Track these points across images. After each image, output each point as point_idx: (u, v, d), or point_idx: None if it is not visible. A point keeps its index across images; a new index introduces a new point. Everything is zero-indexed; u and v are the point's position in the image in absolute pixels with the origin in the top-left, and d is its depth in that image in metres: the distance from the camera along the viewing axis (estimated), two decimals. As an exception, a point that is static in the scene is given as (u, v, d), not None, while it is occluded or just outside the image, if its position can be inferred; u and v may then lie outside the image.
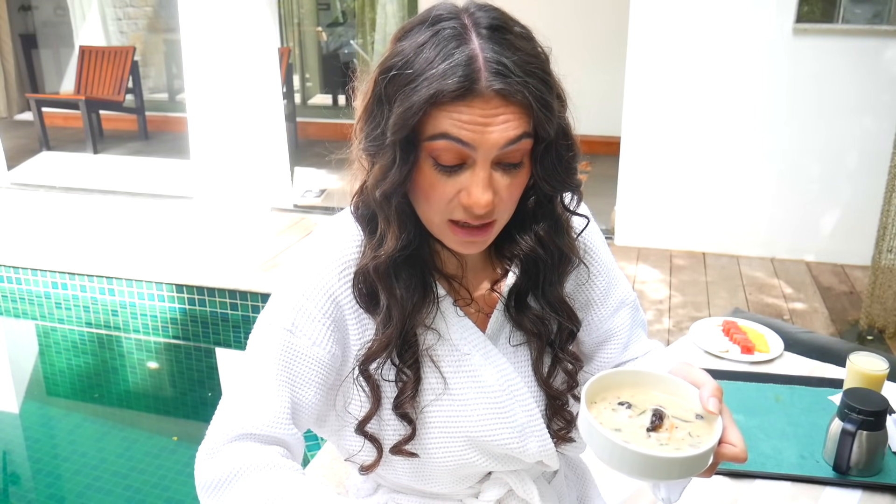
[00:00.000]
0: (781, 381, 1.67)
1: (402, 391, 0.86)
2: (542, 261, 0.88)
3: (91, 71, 6.78)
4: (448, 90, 0.71)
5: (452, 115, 0.73)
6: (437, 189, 0.77)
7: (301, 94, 7.90)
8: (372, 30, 7.46)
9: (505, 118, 0.73)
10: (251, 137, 4.70)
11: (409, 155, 0.76)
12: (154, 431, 3.04)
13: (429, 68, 0.72)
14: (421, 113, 0.73)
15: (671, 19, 3.92)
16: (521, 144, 0.76)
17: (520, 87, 0.73)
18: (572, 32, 5.61)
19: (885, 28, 3.70)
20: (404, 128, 0.74)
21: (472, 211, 0.77)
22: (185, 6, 4.55)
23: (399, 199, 0.79)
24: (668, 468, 0.70)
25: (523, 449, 0.88)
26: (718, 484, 1.35)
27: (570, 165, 0.82)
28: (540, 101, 0.75)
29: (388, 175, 0.77)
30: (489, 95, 0.72)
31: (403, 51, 0.75)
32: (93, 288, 3.86)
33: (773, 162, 3.99)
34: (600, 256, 0.98)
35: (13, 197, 5.28)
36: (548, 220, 0.87)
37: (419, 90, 0.72)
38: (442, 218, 0.79)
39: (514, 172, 0.78)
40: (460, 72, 0.72)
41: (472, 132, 0.73)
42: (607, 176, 4.33)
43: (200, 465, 0.81)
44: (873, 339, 3.16)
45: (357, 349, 0.86)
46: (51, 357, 3.70)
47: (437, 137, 0.74)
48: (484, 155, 0.75)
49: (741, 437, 0.76)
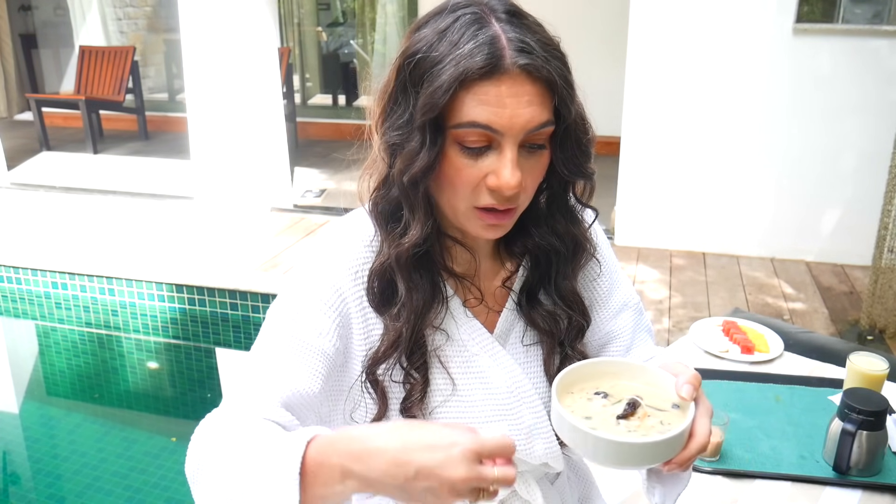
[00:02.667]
0: (781, 381, 1.67)
1: (409, 394, 0.85)
2: (557, 252, 0.89)
3: (91, 71, 6.77)
4: (475, 67, 0.73)
5: (479, 96, 0.74)
6: (463, 173, 0.78)
7: (301, 94, 7.90)
8: (372, 30, 7.46)
9: (530, 99, 0.75)
10: (251, 137, 4.70)
11: (437, 138, 0.77)
12: (154, 431, 3.04)
13: (454, 49, 0.74)
14: (451, 92, 0.74)
15: (671, 19, 3.92)
16: (545, 131, 0.78)
17: (544, 64, 0.75)
18: (572, 32, 5.56)
19: (885, 28, 3.70)
20: (434, 108, 0.75)
21: (502, 192, 0.77)
22: (185, 6, 4.55)
23: (426, 184, 0.80)
24: (632, 454, 0.70)
25: (530, 450, 0.88)
26: (718, 484, 1.35)
27: (588, 150, 0.84)
28: (563, 79, 0.77)
29: (415, 160, 0.77)
30: (515, 73, 0.74)
31: (426, 37, 0.77)
32: (93, 288, 3.86)
33: (773, 162, 3.99)
34: (605, 256, 0.98)
35: (13, 197, 5.28)
36: (563, 210, 0.88)
37: (447, 69, 0.74)
38: (468, 204, 0.80)
39: (537, 155, 0.80)
40: (486, 50, 0.74)
41: (499, 115, 0.74)
42: (607, 176, 4.33)
43: (193, 440, 0.79)
44: (873, 339, 3.16)
45: (362, 353, 0.85)
46: (51, 357, 3.70)
47: (463, 125, 0.75)
48: (512, 137, 0.76)
49: (707, 429, 0.75)
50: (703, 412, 0.76)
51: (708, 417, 0.76)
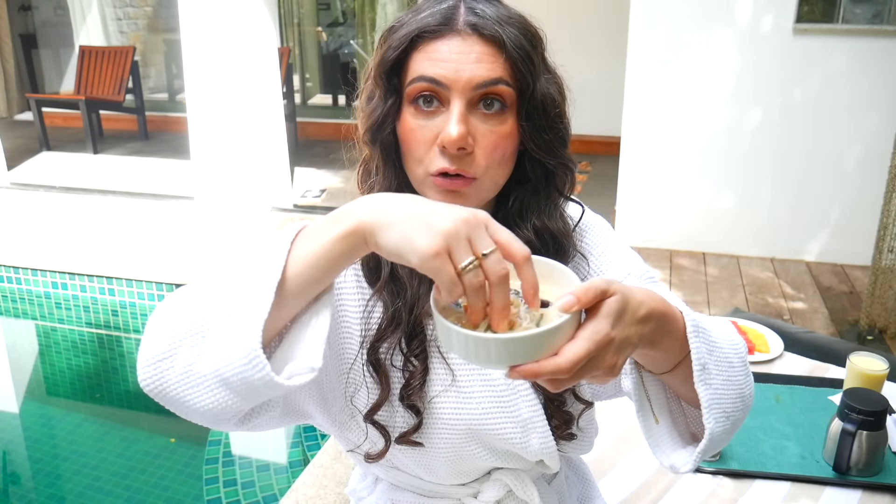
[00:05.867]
0: (781, 381, 1.67)
1: (409, 382, 0.85)
2: (537, 252, 0.88)
3: (91, 71, 6.77)
4: (426, 26, 0.78)
5: (430, 54, 0.78)
6: (416, 133, 0.80)
7: (301, 94, 7.90)
8: (372, 30, 7.46)
9: (478, 57, 0.78)
10: (251, 137, 4.70)
11: (390, 94, 0.81)
12: (154, 431, 3.04)
13: (415, 15, 0.80)
14: (402, 48, 0.79)
15: (671, 19, 3.92)
16: (497, 88, 0.78)
17: (495, 27, 0.78)
18: (572, 32, 5.60)
19: (885, 28, 3.70)
20: (385, 63, 0.80)
21: (446, 148, 0.78)
22: (185, 6, 4.55)
23: (383, 139, 0.83)
24: (465, 345, 0.61)
25: (525, 444, 0.88)
26: (718, 484, 1.35)
27: (559, 131, 0.84)
28: (516, 44, 0.78)
29: (372, 114, 0.82)
30: (465, 32, 0.78)
31: (399, 16, 0.83)
32: (93, 288, 3.86)
33: (773, 162, 3.99)
34: (597, 242, 0.95)
35: (13, 197, 5.28)
36: (541, 205, 0.88)
37: (403, 29, 0.80)
38: (424, 169, 0.81)
39: (495, 120, 0.79)
40: (440, 13, 0.79)
41: (445, 69, 0.77)
42: (607, 176, 4.33)
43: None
44: (873, 339, 3.16)
45: (358, 330, 0.86)
46: (51, 357, 3.69)
47: (414, 81, 0.79)
48: (458, 92, 0.78)
49: (576, 353, 0.60)
50: (586, 335, 0.61)
51: (591, 343, 0.60)
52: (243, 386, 0.63)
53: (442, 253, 0.59)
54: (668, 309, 0.71)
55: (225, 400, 0.65)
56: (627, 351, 0.66)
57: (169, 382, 0.66)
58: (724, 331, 0.81)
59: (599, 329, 0.62)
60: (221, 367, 0.63)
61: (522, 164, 0.85)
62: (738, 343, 0.81)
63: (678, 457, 0.79)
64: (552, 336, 0.60)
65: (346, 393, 0.88)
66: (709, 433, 0.75)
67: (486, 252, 0.60)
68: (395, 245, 0.61)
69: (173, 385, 0.66)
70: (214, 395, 0.65)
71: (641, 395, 0.79)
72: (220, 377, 0.63)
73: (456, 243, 0.59)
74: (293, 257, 0.64)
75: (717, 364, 0.75)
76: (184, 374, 0.65)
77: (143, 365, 0.66)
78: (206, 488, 2.47)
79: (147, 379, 0.66)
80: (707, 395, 0.74)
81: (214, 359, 0.63)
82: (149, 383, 0.66)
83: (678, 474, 0.81)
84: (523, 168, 0.86)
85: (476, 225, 0.60)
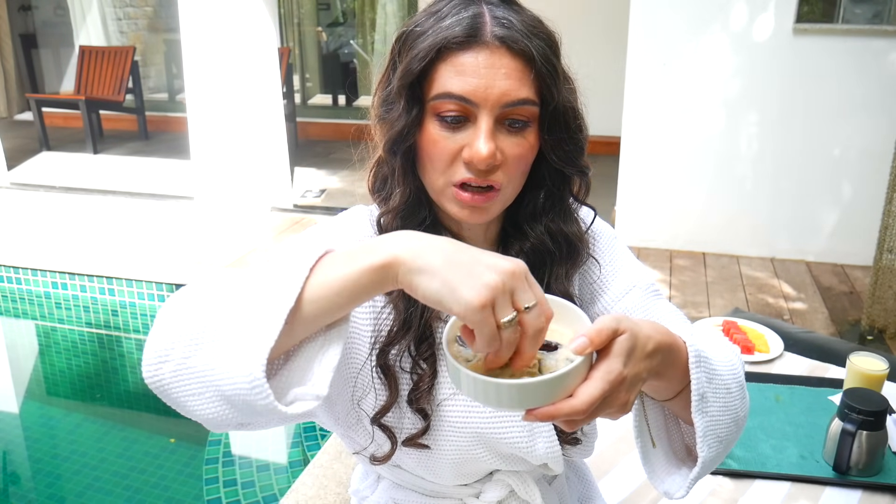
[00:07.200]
0: (781, 381, 1.67)
1: (417, 385, 0.85)
2: (550, 254, 0.88)
3: (91, 71, 6.77)
4: (452, 37, 0.75)
5: (457, 67, 0.76)
6: (440, 146, 0.78)
7: (301, 94, 7.90)
8: (372, 30, 7.46)
9: (507, 72, 0.76)
10: (251, 137, 4.70)
11: (413, 105, 0.78)
12: (154, 431, 3.03)
13: (438, 23, 0.77)
14: (427, 59, 0.76)
15: (671, 19, 3.92)
16: (524, 109, 0.77)
17: (523, 40, 0.76)
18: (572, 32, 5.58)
19: (885, 28, 3.70)
20: (409, 74, 0.77)
21: (474, 164, 0.77)
22: (185, 6, 4.55)
23: (404, 150, 0.81)
24: (481, 390, 0.62)
25: (531, 449, 0.88)
26: (718, 484, 1.35)
27: (579, 141, 0.84)
28: (544, 58, 0.77)
29: (394, 125, 0.80)
30: (493, 45, 0.75)
31: (417, 17, 0.80)
32: (93, 288, 3.86)
33: (773, 162, 3.99)
34: (606, 249, 0.97)
35: (13, 197, 5.28)
36: (557, 209, 0.88)
37: (427, 39, 0.77)
38: (446, 180, 0.80)
39: (520, 135, 0.79)
40: (467, 23, 0.76)
41: (474, 86, 0.75)
42: (607, 176, 4.33)
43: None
44: (874, 339, 3.16)
45: (368, 333, 0.85)
46: (51, 357, 3.69)
47: (442, 97, 0.77)
48: (487, 109, 0.76)
49: (591, 395, 0.61)
50: (600, 376, 0.62)
51: (605, 383, 0.62)
52: (244, 406, 0.63)
53: (487, 306, 0.59)
54: (673, 340, 0.72)
55: (225, 412, 0.65)
56: (638, 386, 0.67)
57: (170, 383, 0.66)
58: (723, 353, 0.82)
59: (612, 369, 0.63)
60: (223, 384, 0.63)
61: (537, 167, 0.85)
62: (735, 366, 0.82)
63: (672, 482, 0.82)
64: (567, 379, 0.62)
65: (353, 397, 0.87)
66: (702, 460, 0.77)
67: (529, 305, 0.60)
68: (437, 292, 0.61)
69: (174, 386, 0.66)
70: (215, 406, 0.65)
71: (641, 421, 0.81)
72: (222, 393, 0.63)
73: (501, 297, 0.59)
74: (313, 282, 0.63)
75: (715, 392, 0.77)
76: (186, 378, 0.65)
77: (147, 362, 0.67)
78: (206, 488, 2.47)
79: (150, 377, 0.67)
80: (703, 423, 0.75)
81: (216, 373, 0.63)
82: (151, 381, 0.67)
83: (673, 500, 0.83)
84: (538, 171, 0.86)
85: (519, 277, 0.61)
